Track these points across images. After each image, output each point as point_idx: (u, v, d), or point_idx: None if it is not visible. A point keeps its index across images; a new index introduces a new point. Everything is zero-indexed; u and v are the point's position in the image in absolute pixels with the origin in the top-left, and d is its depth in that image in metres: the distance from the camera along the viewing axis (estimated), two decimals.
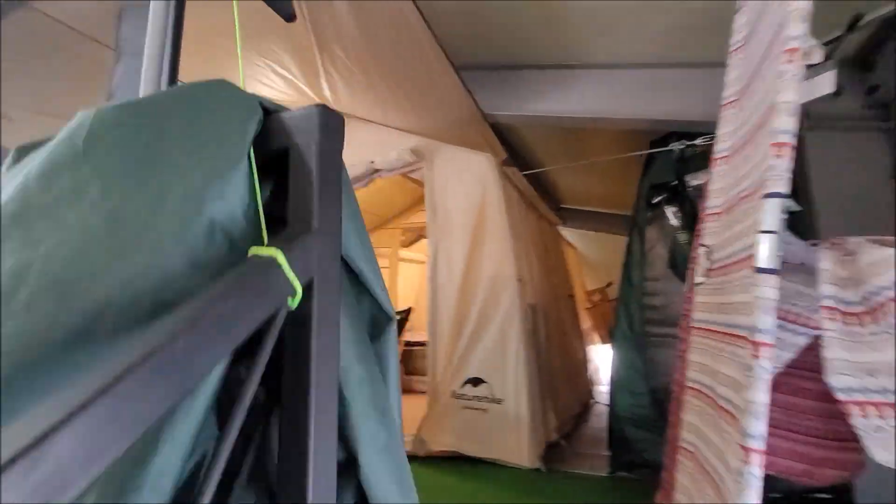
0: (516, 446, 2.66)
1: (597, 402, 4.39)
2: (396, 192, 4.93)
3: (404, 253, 6.25)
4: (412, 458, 2.80)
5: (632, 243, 2.90)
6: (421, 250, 6.58)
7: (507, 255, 2.83)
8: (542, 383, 2.97)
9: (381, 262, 5.62)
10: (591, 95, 2.82)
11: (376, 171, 3.33)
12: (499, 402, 2.76)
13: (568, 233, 5.72)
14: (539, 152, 3.75)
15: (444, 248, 3.00)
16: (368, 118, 3.51)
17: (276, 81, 2.90)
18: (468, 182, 3.00)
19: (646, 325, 2.82)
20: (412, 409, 4.08)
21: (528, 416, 2.68)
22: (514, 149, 3.40)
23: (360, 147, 3.50)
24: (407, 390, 5.14)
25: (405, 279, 6.28)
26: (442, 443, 2.80)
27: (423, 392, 4.85)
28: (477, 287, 2.89)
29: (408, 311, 5.30)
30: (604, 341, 6.11)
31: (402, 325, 5.24)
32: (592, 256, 6.76)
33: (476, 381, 2.81)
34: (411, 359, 5.20)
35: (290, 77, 2.82)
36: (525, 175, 3.66)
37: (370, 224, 5.63)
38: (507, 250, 2.83)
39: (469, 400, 2.81)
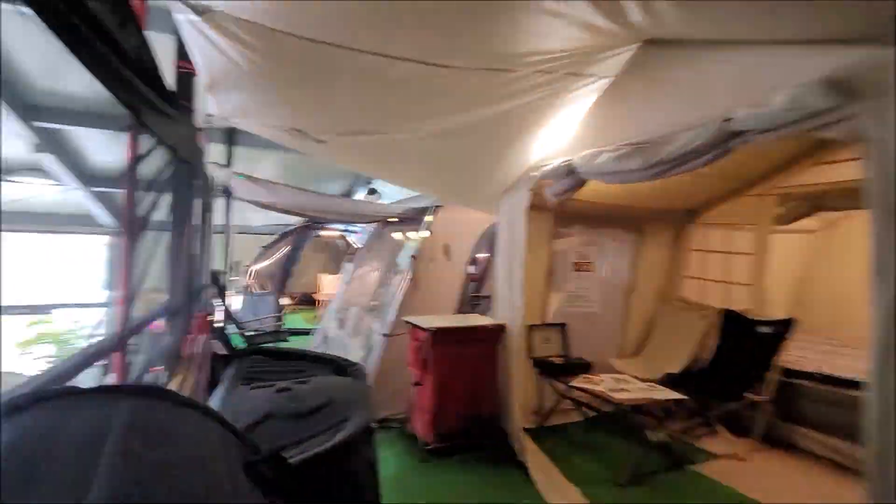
0: None
1: None
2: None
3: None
4: None
5: None
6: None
7: None
8: None
9: (741, 246, 3.78)
10: None
11: (735, 134, 1.83)
12: None
13: None
14: None
15: None
16: (719, 36, 1.97)
17: (559, 28, 1.86)
18: None
19: None
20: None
21: None
22: None
23: (702, 92, 2.05)
24: (788, 443, 3.34)
25: (781, 261, 4.18)
26: None
27: (814, 455, 3.07)
28: None
29: (786, 324, 3.40)
30: None
31: (776, 343, 3.42)
32: None
33: None
34: (795, 398, 3.36)
35: (575, 14, 1.71)
36: None
37: (715, 188, 3.85)
38: None
39: None
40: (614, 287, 4.19)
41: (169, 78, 2.63)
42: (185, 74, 2.52)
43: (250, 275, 8.75)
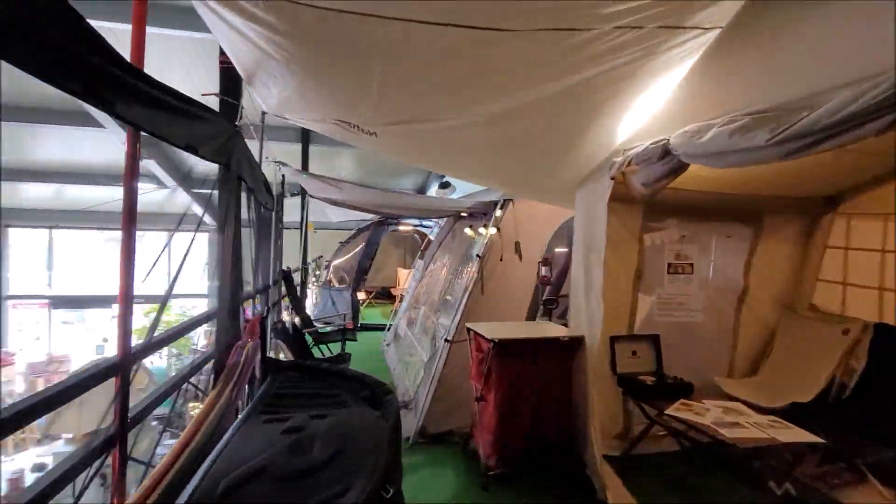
0: None
1: None
2: None
3: None
4: None
5: None
6: None
7: None
8: None
9: None
10: None
11: None
12: None
13: None
14: None
15: None
16: None
17: None
18: None
19: None
20: None
21: None
22: None
23: (857, 38, 1.46)
24: None
25: None
26: None
27: None
28: None
29: None
30: None
31: None
32: None
33: None
34: None
35: None
36: None
37: (865, 167, 3.01)
38: None
39: None
40: (721, 292, 3.48)
41: (216, 75, 2.56)
42: (229, 70, 2.40)
43: (329, 269, 9.02)
